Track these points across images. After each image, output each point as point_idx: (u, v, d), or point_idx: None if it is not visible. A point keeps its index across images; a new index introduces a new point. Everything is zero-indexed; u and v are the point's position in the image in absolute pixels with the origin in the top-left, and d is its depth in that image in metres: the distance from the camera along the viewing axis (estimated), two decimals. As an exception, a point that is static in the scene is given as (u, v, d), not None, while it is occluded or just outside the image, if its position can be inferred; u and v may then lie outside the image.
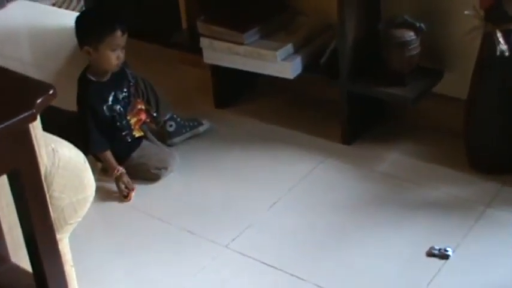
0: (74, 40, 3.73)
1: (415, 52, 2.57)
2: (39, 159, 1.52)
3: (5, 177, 1.44)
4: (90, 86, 2.66)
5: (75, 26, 2.70)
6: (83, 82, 2.68)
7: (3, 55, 3.64)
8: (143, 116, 2.78)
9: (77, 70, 3.41)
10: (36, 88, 1.44)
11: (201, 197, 2.62)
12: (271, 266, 2.29)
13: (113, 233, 2.49)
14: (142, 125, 2.79)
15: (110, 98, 2.67)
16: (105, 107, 2.66)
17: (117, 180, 2.65)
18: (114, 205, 2.60)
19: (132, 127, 2.74)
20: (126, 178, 2.65)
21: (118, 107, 2.69)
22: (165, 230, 2.47)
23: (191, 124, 2.89)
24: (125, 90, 2.72)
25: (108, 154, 2.66)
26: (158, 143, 2.81)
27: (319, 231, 2.40)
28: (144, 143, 2.76)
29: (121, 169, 2.65)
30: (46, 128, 1.64)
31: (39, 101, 1.39)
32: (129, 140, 2.73)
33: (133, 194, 2.63)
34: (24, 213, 1.46)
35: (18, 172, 1.41)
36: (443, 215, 2.42)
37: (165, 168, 2.70)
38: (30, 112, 1.36)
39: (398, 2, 2.71)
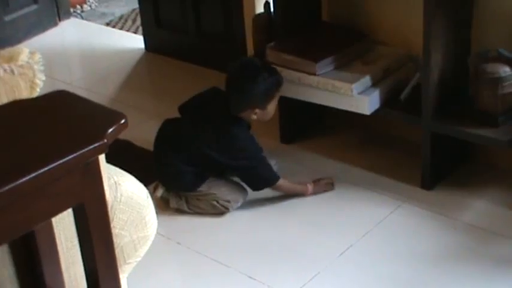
0: (128, 63, 3.89)
1: (510, 90, 2.53)
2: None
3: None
4: (249, 133, 2.78)
5: (247, 90, 2.66)
6: (243, 126, 2.76)
7: (53, 77, 3.72)
8: None
9: (131, 96, 3.52)
10: (107, 117, 1.48)
11: (265, 238, 2.62)
12: (342, 320, 2.28)
13: (167, 275, 2.49)
14: None
15: None
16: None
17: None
18: (170, 244, 2.62)
19: None
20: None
21: None
22: (223, 273, 2.47)
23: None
24: None
25: (284, 182, 2.74)
26: (226, 175, 2.83)
27: (395, 284, 2.38)
28: None
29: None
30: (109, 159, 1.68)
31: (110, 130, 1.43)
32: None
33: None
34: (88, 249, 1.49)
35: (84, 206, 1.44)
36: (537, 273, 2.38)
37: (236, 201, 2.73)
38: (101, 142, 1.40)
39: (492, 32, 2.68)
